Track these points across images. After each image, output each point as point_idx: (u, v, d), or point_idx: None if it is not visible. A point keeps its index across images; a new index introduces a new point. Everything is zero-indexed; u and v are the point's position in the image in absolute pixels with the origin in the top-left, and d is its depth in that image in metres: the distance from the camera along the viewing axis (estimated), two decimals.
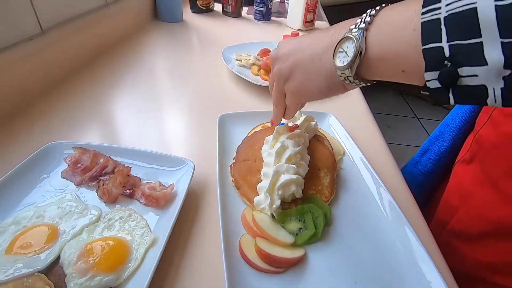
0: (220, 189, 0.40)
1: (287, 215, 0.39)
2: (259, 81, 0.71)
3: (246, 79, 0.70)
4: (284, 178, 0.39)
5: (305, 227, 0.38)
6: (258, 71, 0.75)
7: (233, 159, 0.48)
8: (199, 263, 0.35)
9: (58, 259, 0.32)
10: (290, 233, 0.38)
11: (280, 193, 0.39)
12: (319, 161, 0.45)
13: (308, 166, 0.43)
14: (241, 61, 0.78)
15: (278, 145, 0.43)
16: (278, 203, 0.38)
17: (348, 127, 0.55)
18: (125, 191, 0.40)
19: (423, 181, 0.62)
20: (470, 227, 0.45)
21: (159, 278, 0.33)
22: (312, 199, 0.41)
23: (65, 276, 0.30)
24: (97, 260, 0.31)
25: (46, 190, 0.40)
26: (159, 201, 0.39)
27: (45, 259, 0.32)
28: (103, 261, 0.31)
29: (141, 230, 0.36)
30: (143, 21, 1.03)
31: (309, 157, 0.45)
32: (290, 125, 0.47)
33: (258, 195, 0.41)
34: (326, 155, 0.47)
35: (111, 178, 0.40)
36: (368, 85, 0.32)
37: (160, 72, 0.78)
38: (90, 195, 0.40)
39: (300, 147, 0.43)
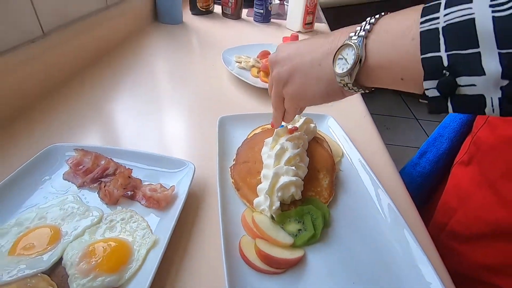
0: (220, 191, 0.41)
1: (286, 217, 0.40)
2: (259, 83, 0.71)
3: (246, 81, 0.70)
4: (283, 180, 0.40)
5: (304, 228, 0.38)
6: (257, 73, 0.75)
7: (233, 161, 0.48)
8: (199, 263, 0.35)
9: (60, 260, 0.32)
10: (289, 234, 0.38)
11: (279, 194, 0.39)
12: (318, 163, 0.46)
13: (307, 168, 0.44)
14: (241, 63, 0.78)
15: (277, 147, 0.43)
16: (277, 204, 0.39)
17: (346, 128, 0.56)
18: (126, 193, 0.41)
19: (421, 182, 0.62)
20: (468, 229, 0.46)
21: (160, 278, 0.33)
22: (311, 201, 0.42)
23: (67, 276, 0.31)
24: (99, 261, 0.32)
25: (48, 191, 0.41)
26: (160, 202, 0.39)
27: (48, 260, 0.32)
28: (105, 262, 0.32)
29: (142, 231, 0.36)
30: (143, 23, 1.04)
31: (308, 159, 0.45)
32: (289, 127, 0.48)
33: (258, 197, 0.41)
34: (325, 157, 0.47)
35: (112, 180, 0.41)
36: (366, 92, 0.32)
37: (160, 74, 0.78)
38: (91, 197, 0.41)
39: (299, 149, 0.44)
